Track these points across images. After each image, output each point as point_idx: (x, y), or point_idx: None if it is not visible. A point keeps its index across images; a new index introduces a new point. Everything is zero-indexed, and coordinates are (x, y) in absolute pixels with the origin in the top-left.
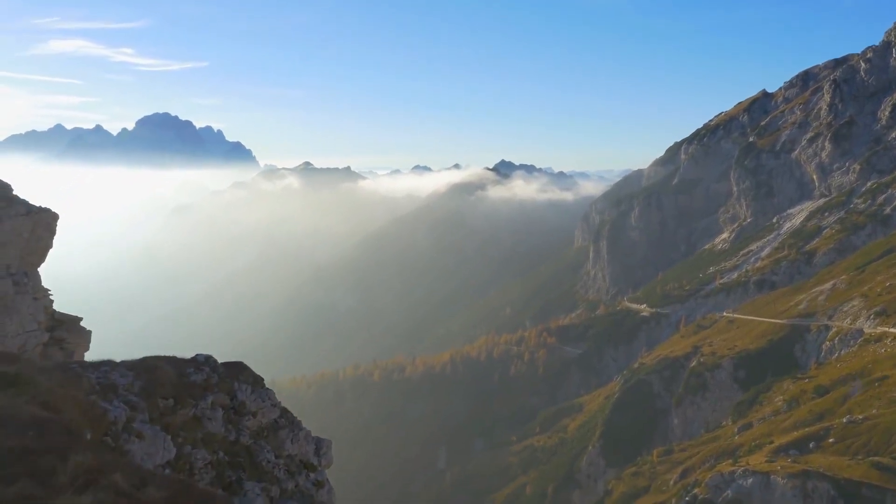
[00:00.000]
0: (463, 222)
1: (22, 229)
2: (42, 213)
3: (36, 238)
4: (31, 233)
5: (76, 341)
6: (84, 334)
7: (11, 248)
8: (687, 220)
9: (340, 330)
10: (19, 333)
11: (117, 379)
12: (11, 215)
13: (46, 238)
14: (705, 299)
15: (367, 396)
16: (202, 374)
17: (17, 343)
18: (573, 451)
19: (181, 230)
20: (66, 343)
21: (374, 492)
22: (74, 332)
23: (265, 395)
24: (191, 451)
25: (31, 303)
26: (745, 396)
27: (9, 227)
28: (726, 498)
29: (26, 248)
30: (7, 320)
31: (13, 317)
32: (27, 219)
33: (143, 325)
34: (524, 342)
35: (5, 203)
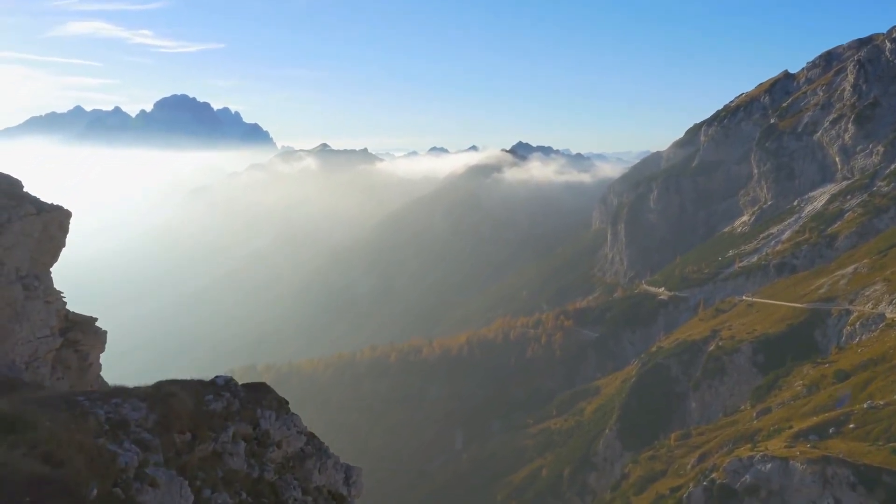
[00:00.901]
0: (480, 204)
1: (32, 229)
2: (54, 211)
3: (48, 238)
4: (43, 232)
5: (91, 343)
6: (99, 335)
7: (21, 250)
8: (706, 203)
9: (357, 312)
10: (30, 340)
11: (129, 413)
12: (21, 215)
13: (59, 237)
14: (724, 283)
15: (384, 378)
16: (222, 400)
17: (27, 350)
18: (590, 434)
19: (199, 212)
20: (80, 345)
21: (392, 472)
22: (89, 334)
23: (290, 422)
24: (210, 497)
25: (42, 307)
26: (764, 381)
27: (18, 229)
28: (744, 483)
29: (37, 248)
30: (17, 327)
31: (23, 323)
32: (38, 218)
33: (161, 307)
34: (541, 325)
35: (15, 202)
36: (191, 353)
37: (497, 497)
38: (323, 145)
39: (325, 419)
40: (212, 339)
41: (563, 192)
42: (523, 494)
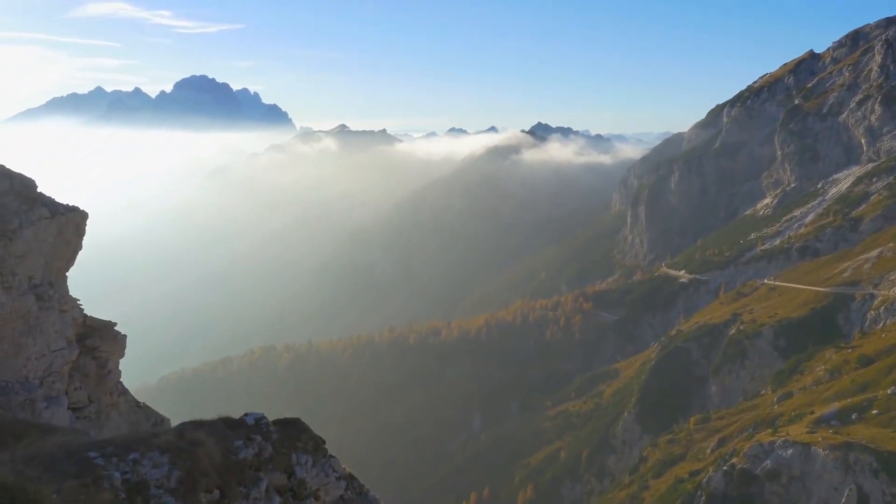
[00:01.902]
0: (498, 186)
1: (46, 234)
2: (69, 213)
3: (63, 242)
4: (58, 236)
5: (110, 349)
6: (119, 340)
7: (34, 258)
8: (728, 185)
9: (376, 292)
10: (44, 354)
11: (149, 472)
12: (33, 220)
13: (75, 241)
14: (746, 266)
15: (403, 359)
16: (253, 447)
17: (42, 365)
18: (608, 416)
19: (218, 193)
20: (99, 351)
21: (411, 451)
22: (108, 339)
23: (328, 467)
24: None
25: (57, 318)
26: (785, 365)
27: (30, 235)
28: (765, 468)
29: (51, 253)
30: (30, 341)
31: (37, 336)
32: (52, 222)
33: (180, 286)
34: (560, 307)
35: (27, 205)
36: (210, 333)
37: (515, 478)
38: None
39: (343, 400)
40: (231, 319)
41: (582, 174)
42: (541, 476)
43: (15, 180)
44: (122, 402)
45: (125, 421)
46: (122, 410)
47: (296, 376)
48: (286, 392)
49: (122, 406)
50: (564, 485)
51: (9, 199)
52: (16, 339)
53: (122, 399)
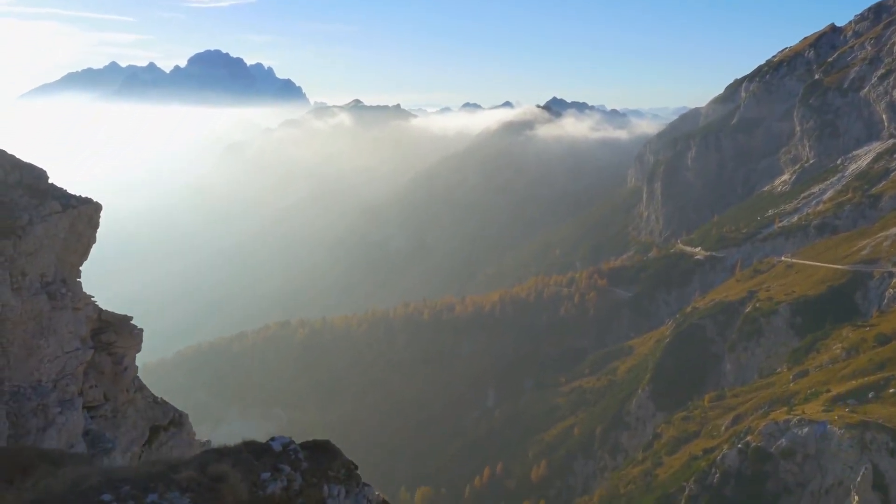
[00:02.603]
0: (513, 161)
1: (58, 229)
2: (81, 206)
3: (75, 236)
4: (70, 231)
5: (126, 344)
6: (134, 335)
7: (45, 255)
8: (746, 161)
9: (390, 267)
10: (58, 356)
11: None
12: (44, 215)
13: (88, 234)
14: (763, 243)
15: (417, 335)
16: (281, 479)
17: (55, 368)
18: (622, 393)
19: (233, 168)
20: (114, 347)
21: (425, 427)
22: (124, 334)
23: (362, 497)
24: None
25: (70, 317)
26: (801, 343)
27: (41, 231)
28: (780, 447)
29: (64, 249)
30: (42, 343)
31: (49, 338)
32: (64, 216)
33: (195, 262)
34: (574, 284)
35: (37, 199)
36: (225, 308)
37: (529, 454)
38: (356, 101)
39: (358, 375)
40: (246, 295)
41: (598, 149)
42: (555, 452)
43: (25, 172)
44: (138, 399)
45: (142, 417)
46: (139, 407)
47: (310, 351)
48: (301, 367)
49: (139, 402)
50: (578, 461)
51: (18, 194)
52: (27, 342)
53: (139, 395)
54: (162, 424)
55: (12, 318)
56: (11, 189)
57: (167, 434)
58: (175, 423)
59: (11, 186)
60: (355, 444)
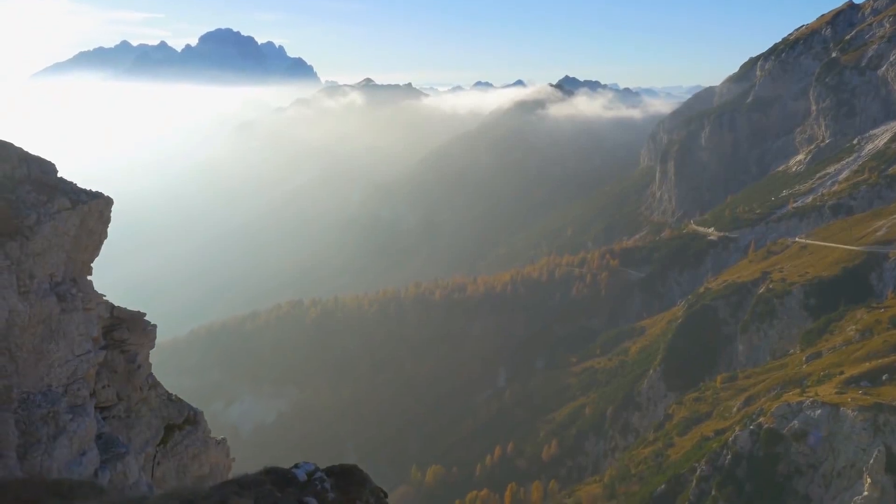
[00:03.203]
0: (525, 140)
1: (68, 227)
2: (92, 201)
3: (86, 233)
4: (80, 227)
5: (139, 341)
6: (148, 332)
7: (54, 254)
8: (760, 141)
9: (401, 247)
10: (68, 360)
11: None
12: (52, 213)
13: (99, 230)
14: (777, 224)
15: (428, 315)
16: None
17: (65, 372)
18: (634, 374)
19: (244, 147)
20: (127, 344)
21: (436, 406)
22: (136, 331)
23: None
24: None
25: (81, 319)
26: (815, 325)
27: (50, 230)
28: (792, 428)
29: (74, 247)
30: (52, 346)
31: (59, 342)
32: (73, 213)
33: (207, 241)
34: (586, 264)
35: (45, 196)
36: (237, 288)
37: (539, 433)
38: (367, 80)
39: (369, 354)
40: (257, 274)
41: (610, 129)
42: (566, 431)
43: (32, 166)
44: (152, 397)
45: (156, 416)
46: (153, 406)
47: (322, 331)
48: (313, 346)
49: (153, 401)
50: (589, 441)
51: (26, 190)
52: (36, 346)
53: (153, 393)
54: (177, 423)
55: (20, 323)
56: (18, 185)
57: (182, 433)
58: (190, 421)
59: (18, 182)
60: (367, 422)
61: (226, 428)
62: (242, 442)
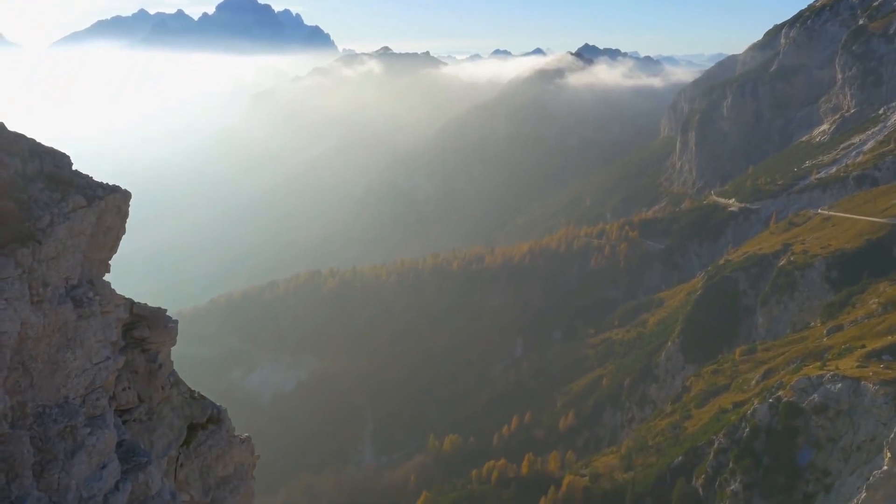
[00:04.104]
0: (544, 109)
1: (84, 226)
2: (109, 196)
3: (103, 230)
4: (97, 225)
5: (160, 339)
6: (169, 329)
7: (69, 256)
8: (784, 111)
9: (419, 217)
10: (86, 369)
11: None
12: (66, 213)
13: (117, 226)
14: (799, 195)
15: (446, 285)
16: None
17: (83, 382)
18: (652, 345)
19: (261, 117)
20: (148, 343)
21: (454, 377)
22: (157, 329)
23: None
24: None
25: (99, 324)
26: (836, 297)
27: (64, 232)
28: (812, 402)
29: (90, 245)
30: (69, 356)
31: (76, 350)
32: (89, 211)
33: (224, 211)
34: (605, 235)
35: (59, 193)
36: (255, 258)
37: (557, 404)
38: (384, 48)
39: (387, 324)
40: (275, 244)
41: (630, 97)
42: (583, 402)
43: (45, 160)
44: (174, 395)
45: (178, 416)
46: (175, 405)
47: (340, 301)
48: (331, 316)
49: (175, 399)
50: (606, 412)
51: (38, 188)
52: (52, 357)
53: (175, 391)
54: (200, 422)
55: (34, 335)
56: (30, 183)
57: (205, 433)
58: (213, 419)
59: (30, 179)
60: (384, 392)
61: (245, 396)
62: (261, 410)
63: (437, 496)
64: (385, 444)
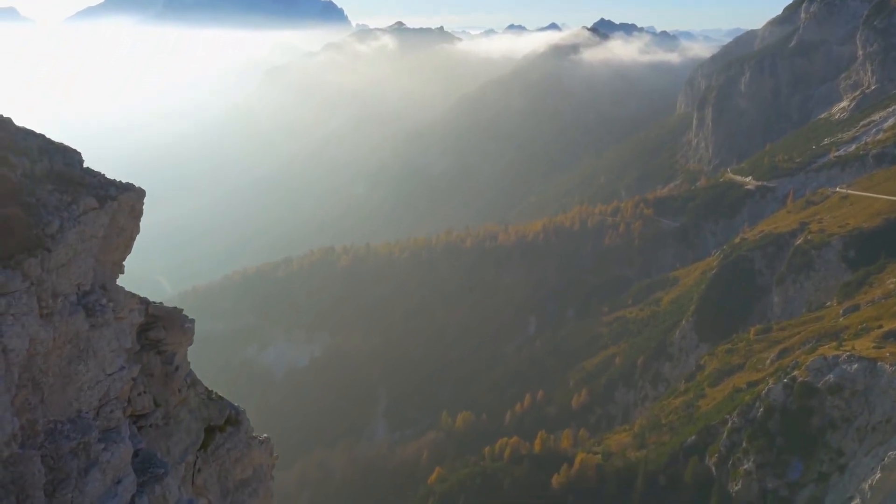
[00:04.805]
0: (559, 85)
1: (95, 229)
2: (122, 195)
3: (116, 231)
4: (110, 227)
5: (176, 340)
6: (186, 329)
7: (81, 262)
8: (803, 87)
9: (432, 193)
10: (99, 380)
11: None
12: (77, 216)
13: (131, 226)
14: (817, 173)
15: (459, 263)
16: None
17: (96, 394)
18: (666, 324)
19: (275, 93)
20: (164, 344)
21: (467, 354)
22: (174, 329)
23: None
24: None
25: (112, 333)
26: (853, 277)
27: (75, 237)
28: (827, 382)
29: (103, 248)
30: (81, 368)
31: (89, 362)
32: (101, 213)
33: (238, 188)
34: (619, 213)
35: (70, 195)
36: (268, 235)
37: (569, 382)
38: (398, 24)
39: (401, 301)
40: (289, 220)
41: (646, 73)
42: (595, 380)
43: (55, 158)
44: (191, 397)
45: (195, 419)
46: (192, 406)
47: (354, 278)
48: (344, 293)
49: (192, 401)
50: (619, 390)
51: (47, 190)
52: (63, 370)
53: (192, 392)
54: (218, 424)
55: (43, 351)
56: (39, 184)
57: (223, 435)
58: (232, 421)
59: (38, 180)
60: (398, 368)
61: (260, 372)
62: (276, 386)
63: (450, 473)
64: (398, 420)
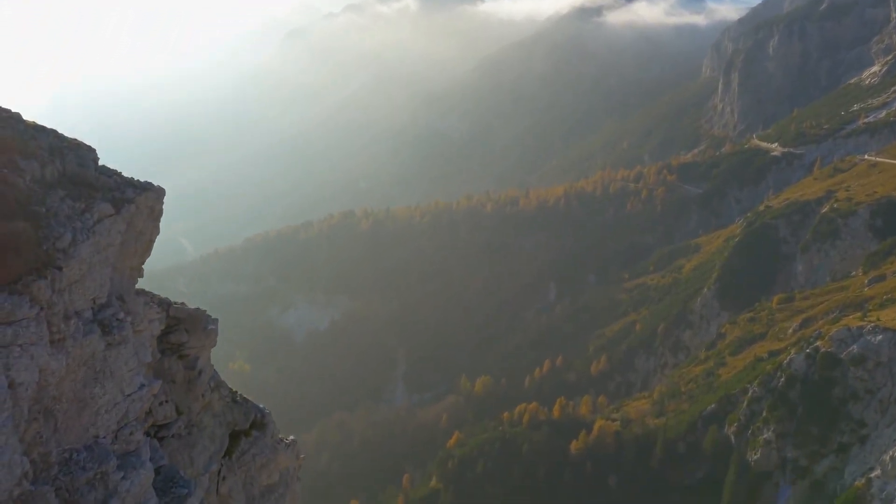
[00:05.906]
0: (583, 48)
1: (111, 237)
2: (139, 197)
3: (134, 236)
4: (127, 232)
5: (199, 343)
6: (209, 331)
7: (96, 275)
8: (832, 52)
9: (453, 157)
10: (117, 402)
11: None
12: (91, 226)
13: (150, 228)
14: (845, 140)
15: (480, 228)
16: None
17: (114, 417)
18: (687, 291)
19: (295, 55)
20: (186, 348)
21: (486, 318)
22: (196, 332)
23: None
24: None
25: (130, 351)
26: (880, 247)
27: (89, 250)
28: (851, 353)
29: (120, 255)
30: (97, 391)
31: (106, 384)
32: (118, 219)
33: (258, 150)
34: (642, 178)
35: (83, 203)
36: (288, 198)
37: (589, 348)
38: None
39: (420, 267)
40: (308, 183)
41: (672, 36)
42: (615, 347)
43: (67, 158)
44: (215, 400)
45: (220, 424)
46: (216, 411)
47: (374, 242)
48: (364, 257)
49: (216, 405)
50: (639, 357)
51: (58, 197)
52: (78, 394)
53: (216, 395)
54: (243, 429)
55: (55, 381)
56: (49, 191)
57: (248, 440)
58: (257, 424)
59: (49, 186)
60: (417, 332)
61: (281, 334)
62: (296, 347)
63: (469, 437)
64: (416, 384)
